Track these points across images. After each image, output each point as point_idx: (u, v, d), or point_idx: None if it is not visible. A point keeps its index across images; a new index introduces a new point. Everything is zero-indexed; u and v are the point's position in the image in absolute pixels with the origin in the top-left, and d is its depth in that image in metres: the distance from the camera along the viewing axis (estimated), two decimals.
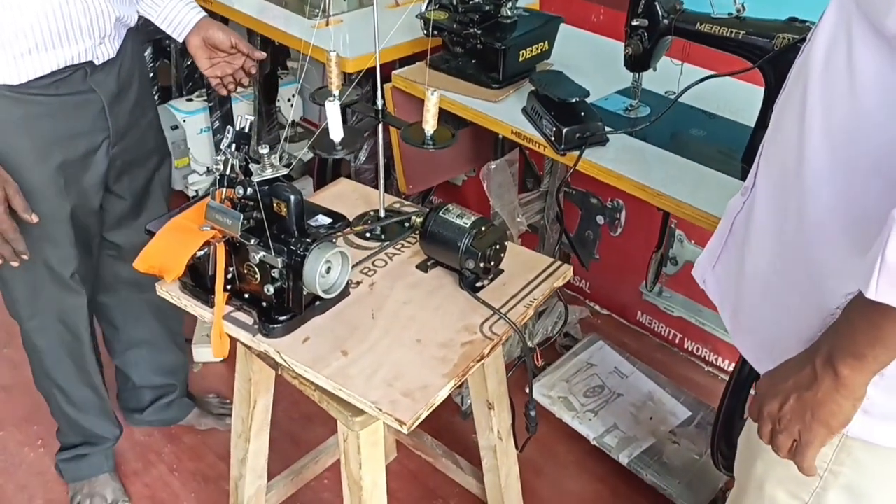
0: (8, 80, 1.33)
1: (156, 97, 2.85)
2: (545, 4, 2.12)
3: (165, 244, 1.17)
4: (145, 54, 2.74)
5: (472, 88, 1.64)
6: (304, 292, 1.15)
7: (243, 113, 1.71)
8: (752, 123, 1.45)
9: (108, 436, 1.82)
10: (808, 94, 0.77)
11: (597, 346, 2.06)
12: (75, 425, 1.76)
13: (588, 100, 1.58)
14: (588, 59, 1.78)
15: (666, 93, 1.62)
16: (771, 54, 1.27)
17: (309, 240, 1.13)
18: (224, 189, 1.16)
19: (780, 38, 1.27)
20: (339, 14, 1.99)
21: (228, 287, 1.21)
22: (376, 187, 1.41)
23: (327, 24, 1.95)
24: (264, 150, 1.11)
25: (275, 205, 1.12)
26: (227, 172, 1.15)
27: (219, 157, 1.15)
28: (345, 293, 1.24)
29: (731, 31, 1.33)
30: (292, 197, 1.11)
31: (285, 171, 1.12)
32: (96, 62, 1.42)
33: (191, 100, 2.67)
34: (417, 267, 1.31)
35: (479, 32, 1.60)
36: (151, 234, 1.20)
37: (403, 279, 1.29)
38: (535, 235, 2.05)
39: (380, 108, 1.30)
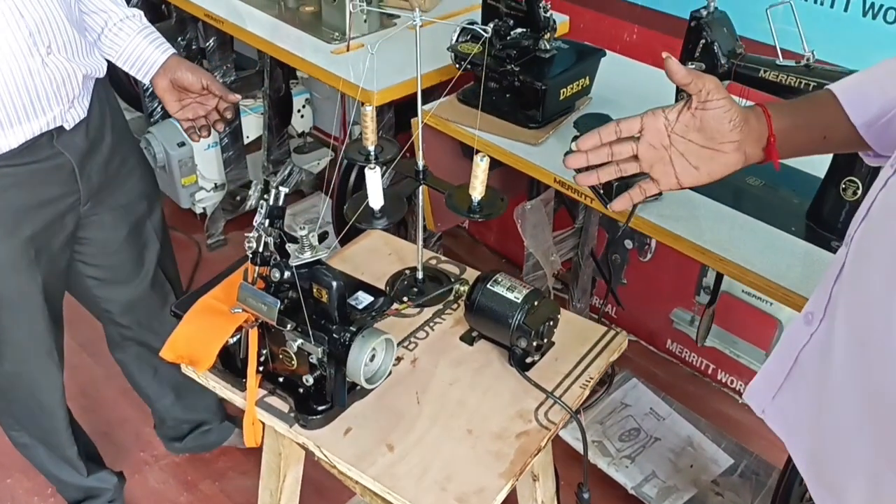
0: None
1: (159, 110, 2.74)
2: (575, 24, 2.01)
3: (194, 330, 1.07)
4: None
5: (509, 128, 1.54)
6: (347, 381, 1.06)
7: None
8: (815, 171, 1.36)
9: (106, 486, 1.74)
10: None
11: (630, 384, 1.98)
12: (66, 485, 1.69)
13: None
14: (629, 91, 1.68)
15: None
16: None
17: (353, 327, 1.04)
18: (257, 267, 1.06)
19: None
20: (359, 37, 1.88)
21: (261, 368, 1.12)
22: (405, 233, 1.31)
23: (348, 50, 1.84)
24: (303, 230, 1.01)
25: (314, 290, 1.03)
26: (261, 250, 1.05)
27: (252, 235, 1.05)
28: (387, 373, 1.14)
29: (799, 81, 1.23)
30: (335, 283, 1.01)
31: (325, 253, 1.03)
32: (67, 126, 1.31)
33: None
34: (461, 339, 1.22)
35: (517, 69, 1.49)
36: (178, 316, 1.11)
37: (447, 354, 1.19)
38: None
39: (421, 168, 1.20)
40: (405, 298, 1.28)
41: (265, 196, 1.05)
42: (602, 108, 1.62)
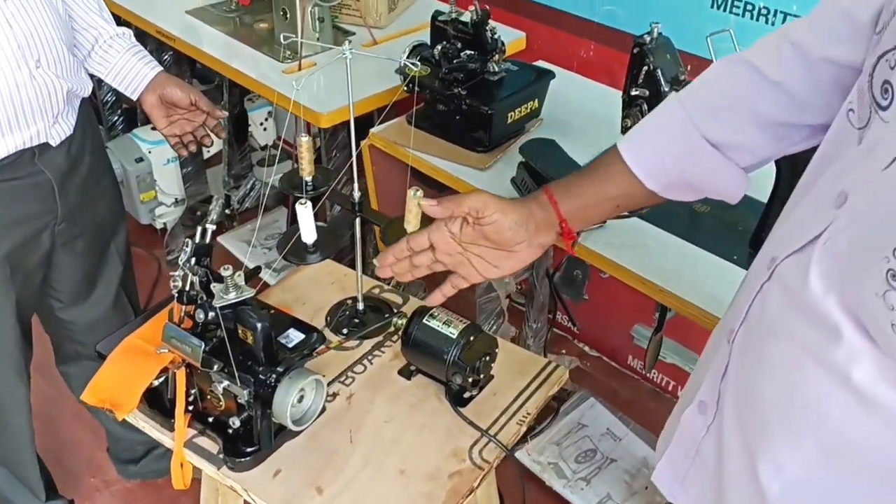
0: None
1: (119, 123, 2.70)
2: (532, 41, 2.00)
3: (118, 372, 1.05)
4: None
5: (457, 151, 1.52)
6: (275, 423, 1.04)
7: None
8: (762, 196, 1.34)
9: None
10: (776, 380, 0.66)
11: (588, 403, 1.97)
12: None
13: (581, 165, 1.47)
14: (581, 111, 1.66)
15: None
16: None
17: (280, 368, 1.02)
18: (183, 306, 1.04)
19: None
20: (311, 56, 1.86)
21: (191, 408, 1.09)
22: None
23: (300, 69, 1.81)
24: (227, 272, 0.99)
25: (240, 331, 1.00)
26: (187, 289, 1.03)
27: (177, 273, 1.03)
28: (321, 410, 1.12)
29: None
30: (259, 325, 0.98)
31: (251, 294, 1.00)
32: (53, 143, 1.30)
33: (155, 128, 2.51)
34: (399, 373, 1.20)
35: (463, 93, 1.47)
36: (102, 357, 1.08)
37: (384, 389, 1.17)
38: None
39: (356, 200, 1.18)
40: (343, 332, 1.26)
41: (191, 236, 1.02)
42: (553, 129, 1.61)
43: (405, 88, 1.56)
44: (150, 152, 2.47)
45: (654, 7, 1.79)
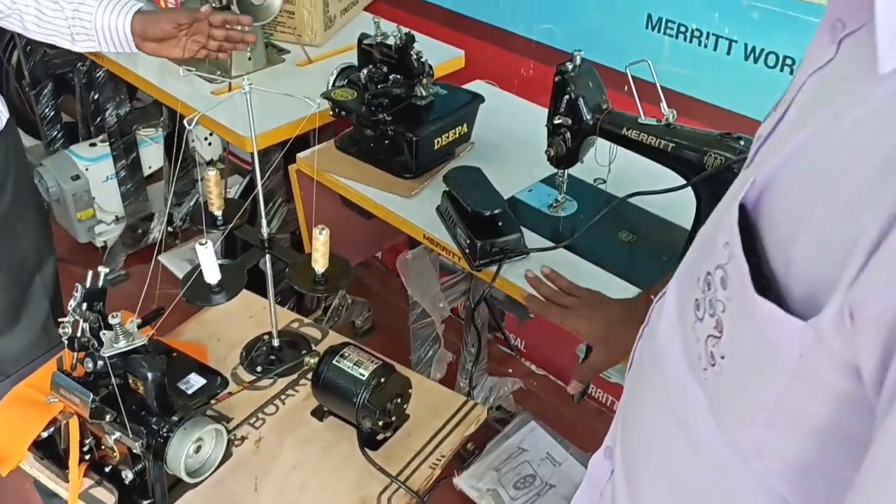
0: None
1: (59, 138, 2.63)
2: (472, 59, 1.97)
3: (3, 423, 1.00)
4: (46, 90, 2.53)
5: (384, 177, 1.49)
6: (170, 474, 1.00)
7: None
8: (689, 226, 1.33)
9: None
10: (644, 424, 0.64)
11: (528, 427, 1.94)
12: None
13: (510, 191, 1.45)
14: (513, 136, 1.63)
15: (595, 180, 1.49)
16: (702, 175, 1.14)
17: (175, 417, 0.98)
18: (75, 353, 0.99)
19: (711, 156, 1.14)
20: (243, 76, 1.81)
21: (87, 457, 1.05)
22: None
23: (230, 89, 1.77)
24: (115, 319, 0.94)
25: (130, 381, 0.96)
26: (78, 335, 0.98)
27: (66, 320, 0.98)
28: (227, 455, 1.08)
29: (659, 142, 1.19)
30: (150, 374, 0.94)
31: (143, 341, 0.96)
32: None
33: (94, 145, 2.46)
34: (312, 413, 1.16)
35: (388, 119, 1.44)
36: None
37: (295, 432, 1.14)
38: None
39: (265, 237, 1.14)
40: (256, 370, 1.22)
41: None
42: (485, 154, 1.58)
43: (332, 113, 1.52)
44: (87, 170, 2.41)
45: (590, 27, 1.77)
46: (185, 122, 0.98)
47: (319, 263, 1.08)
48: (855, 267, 0.40)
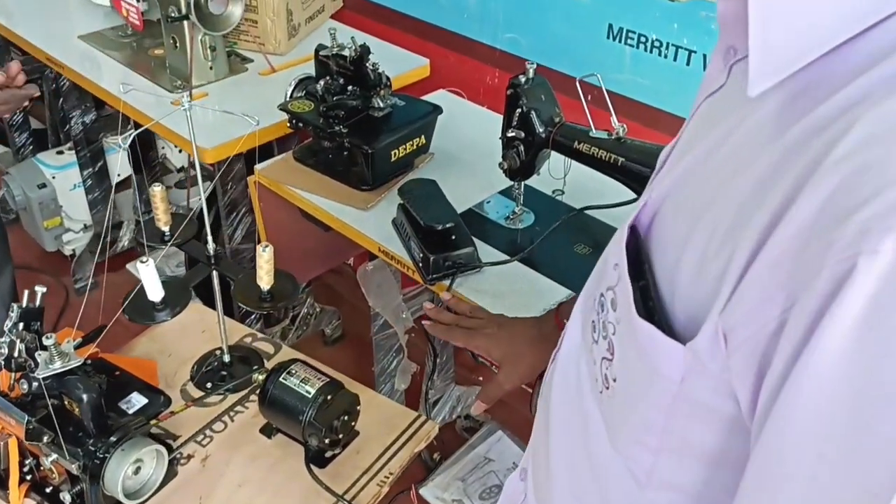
0: None
1: (28, 144, 2.61)
2: (437, 66, 1.96)
3: None
4: None
5: (340, 189, 1.48)
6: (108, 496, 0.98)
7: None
8: None
9: None
10: (551, 448, 0.64)
11: (496, 437, 1.93)
12: None
13: (468, 202, 1.44)
14: (473, 147, 1.63)
15: (553, 192, 1.49)
16: None
17: (113, 438, 0.96)
18: (12, 374, 0.98)
19: None
20: (203, 85, 1.80)
21: (28, 477, 1.03)
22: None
23: (191, 99, 1.75)
24: (49, 340, 0.93)
25: (66, 402, 0.95)
26: (15, 355, 0.97)
27: (2, 340, 0.97)
28: (172, 474, 1.07)
29: (609, 156, 1.19)
30: (85, 396, 0.93)
31: (78, 362, 0.95)
32: None
33: (61, 153, 2.45)
34: (261, 431, 1.15)
35: (344, 131, 1.43)
36: None
37: (243, 449, 1.13)
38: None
39: (212, 252, 1.13)
40: (206, 386, 1.21)
41: (17, 304, 0.97)
42: (444, 165, 1.58)
43: (288, 125, 1.51)
44: (53, 178, 2.39)
45: (553, 36, 1.77)
46: (119, 140, 0.97)
47: (264, 280, 1.07)
48: (727, 290, 0.41)
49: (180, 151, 2.72)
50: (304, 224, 1.59)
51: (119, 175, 2.53)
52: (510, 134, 1.29)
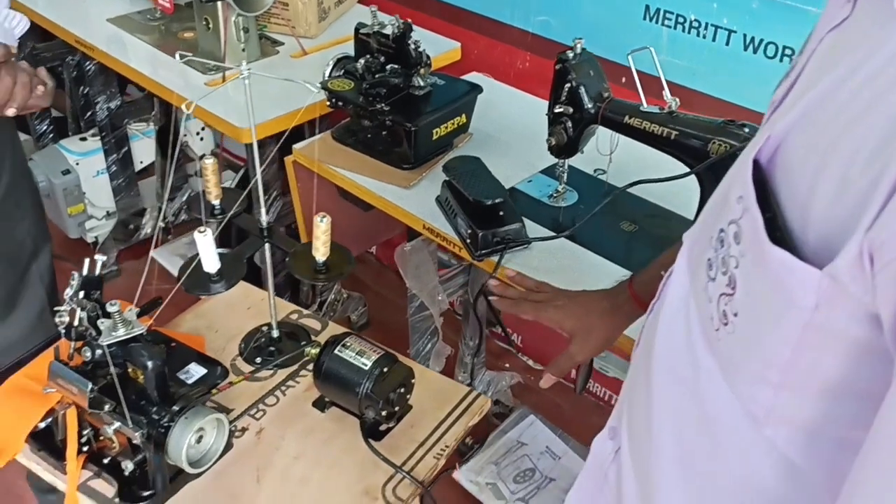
0: None
1: (48, 132, 2.61)
2: (468, 50, 1.96)
3: (0, 413, 0.98)
4: None
5: (382, 168, 1.47)
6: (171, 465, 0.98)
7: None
8: (689, 213, 1.32)
9: None
10: (653, 397, 0.63)
11: (527, 421, 1.93)
12: None
13: (510, 182, 1.44)
14: (511, 127, 1.62)
15: (595, 171, 1.48)
16: (707, 161, 1.13)
17: (175, 406, 0.96)
18: (73, 343, 0.98)
19: (715, 143, 1.13)
20: (237, 67, 1.78)
21: (85, 448, 1.03)
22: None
23: (223, 81, 1.75)
24: (113, 307, 0.93)
25: (130, 369, 0.94)
26: (75, 324, 0.96)
27: (63, 308, 0.96)
28: (228, 447, 1.06)
29: (662, 129, 1.19)
30: (150, 363, 0.93)
31: (142, 329, 0.94)
32: None
33: (84, 139, 2.44)
34: (314, 404, 1.15)
35: (386, 109, 1.42)
36: None
37: (296, 423, 1.12)
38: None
39: (264, 225, 1.12)
40: (256, 361, 1.20)
41: (78, 272, 0.96)
42: (482, 144, 1.57)
43: (328, 104, 1.50)
44: (77, 164, 2.38)
45: (587, 18, 1.76)
46: (183, 106, 0.97)
47: (320, 252, 1.06)
48: (875, 208, 0.40)
49: (202, 139, 2.72)
50: (342, 204, 1.58)
51: (142, 162, 2.52)
52: (558, 110, 1.28)
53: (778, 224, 0.48)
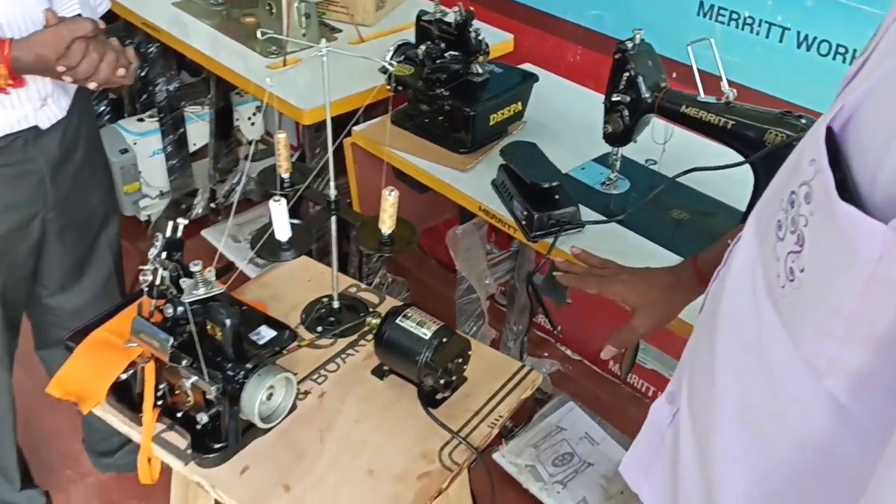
0: None
1: (105, 113, 2.69)
2: (521, 43, 2.00)
3: (84, 365, 1.04)
4: None
5: (439, 152, 1.52)
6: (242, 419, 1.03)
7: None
8: (741, 206, 1.35)
9: None
10: (716, 357, 0.66)
11: (567, 407, 1.96)
12: None
13: (563, 168, 1.47)
14: (564, 115, 1.66)
15: (647, 161, 1.52)
16: (763, 151, 1.16)
17: (248, 364, 1.01)
18: (154, 300, 1.03)
19: (771, 133, 1.16)
20: (298, 52, 1.85)
21: (160, 402, 1.09)
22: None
23: (284, 65, 1.81)
24: (196, 267, 0.98)
25: (209, 327, 1.00)
26: (157, 283, 1.02)
27: (147, 267, 1.02)
28: (292, 408, 1.12)
29: (719, 119, 1.22)
30: (228, 321, 0.98)
31: (221, 290, 1.00)
32: (42, 126, 1.30)
33: (142, 120, 2.52)
34: (373, 372, 1.20)
35: (446, 94, 1.47)
36: (70, 348, 1.07)
37: (357, 389, 1.17)
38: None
39: (332, 198, 1.17)
40: (317, 330, 1.25)
41: (159, 233, 1.02)
42: (536, 132, 1.61)
43: (389, 87, 1.55)
44: (135, 144, 2.46)
45: (641, 13, 1.79)
46: (265, 79, 1.02)
47: (387, 224, 1.11)
48: None
49: (253, 124, 2.79)
50: (397, 185, 1.62)
51: (195, 144, 2.59)
52: (615, 98, 1.32)
53: (847, 185, 0.52)
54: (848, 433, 0.56)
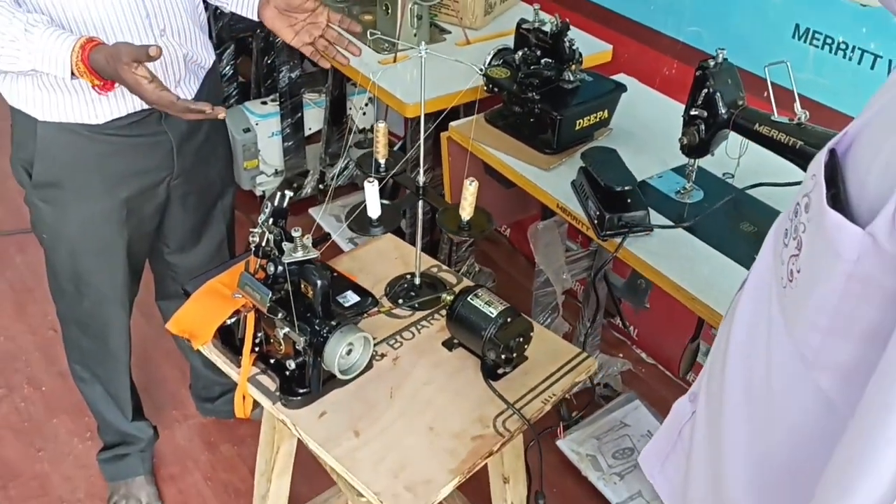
0: (87, 120, 1.40)
1: (234, 94, 2.92)
2: (619, 54, 2.08)
3: (199, 309, 1.22)
4: (227, 51, 2.82)
5: (525, 150, 1.64)
6: (324, 370, 1.19)
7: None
8: None
9: (142, 436, 1.91)
10: (729, 353, 0.74)
11: (633, 405, 2.04)
12: (108, 426, 1.86)
13: (642, 175, 1.56)
14: (650, 126, 1.75)
15: (724, 174, 1.58)
16: None
17: (333, 322, 1.16)
18: (259, 259, 1.20)
19: None
20: (408, 49, 2.00)
21: (256, 349, 1.25)
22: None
23: (394, 61, 1.96)
24: (296, 232, 1.14)
25: (302, 286, 1.15)
26: (263, 244, 1.19)
27: (256, 230, 1.18)
28: (368, 366, 1.26)
29: (789, 139, 1.28)
30: (319, 282, 1.13)
31: (316, 254, 1.15)
32: None
33: (265, 103, 2.74)
34: (443, 344, 1.33)
35: (537, 98, 1.59)
36: (187, 294, 1.25)
37: (427, 356, 1.31)
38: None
39: (421, 184, 1.31)
40: (398, 301, 1.39)
41: (268, 200, 1.18)
42: (621, 140, 1.70)
43: (485, 88, 1.68)
44: (257, 124, 2.68)
45: (738, 31, 1.85)
46: (371, 76, 1.16)
47: (466, 211, 1.24)
48: None
49: (364, 114, 2.97)
50: (486, 179, 1.76)
51: (310, 129, 2.80)
52: (693, 112, 1.40)
53: (840, 198, 0.61)
54: (830, 423, 0.65)
